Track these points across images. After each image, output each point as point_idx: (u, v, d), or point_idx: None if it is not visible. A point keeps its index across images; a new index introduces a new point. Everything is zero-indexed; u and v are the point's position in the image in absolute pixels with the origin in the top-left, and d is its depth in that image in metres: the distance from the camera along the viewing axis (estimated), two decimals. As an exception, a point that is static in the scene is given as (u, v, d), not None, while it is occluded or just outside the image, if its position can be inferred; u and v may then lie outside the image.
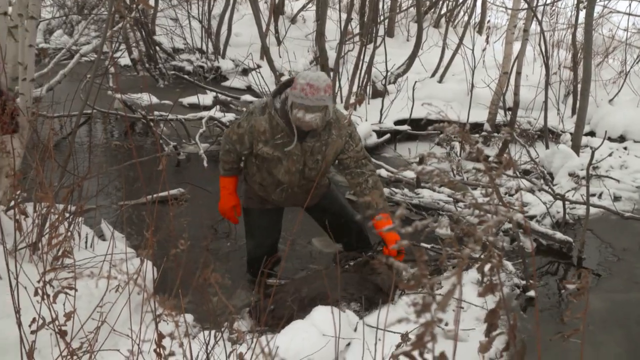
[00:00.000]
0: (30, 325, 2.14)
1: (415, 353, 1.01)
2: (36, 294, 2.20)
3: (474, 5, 11.72)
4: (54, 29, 11.87)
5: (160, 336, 2.17)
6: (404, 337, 2.46)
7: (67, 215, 3.74)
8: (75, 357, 2.24)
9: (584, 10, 6.83)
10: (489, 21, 12.23)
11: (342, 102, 8.56)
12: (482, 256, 1.40)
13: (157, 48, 10.87)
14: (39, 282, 2.21)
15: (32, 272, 3.18)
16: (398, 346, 2.44)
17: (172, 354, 1.90)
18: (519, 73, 7.31)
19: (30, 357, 2.08)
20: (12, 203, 3.89)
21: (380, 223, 3.72)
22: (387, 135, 7.73)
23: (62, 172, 4.33)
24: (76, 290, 2.35)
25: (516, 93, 7.30)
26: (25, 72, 4.15)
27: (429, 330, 0.98)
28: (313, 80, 3.61)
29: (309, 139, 3.91)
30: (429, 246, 4.62)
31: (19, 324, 2.14)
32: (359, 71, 8.59)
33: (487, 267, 1.42)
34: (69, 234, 3.38)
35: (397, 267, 1.06)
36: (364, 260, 4.10)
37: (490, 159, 5.04)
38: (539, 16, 7.32)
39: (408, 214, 5.38)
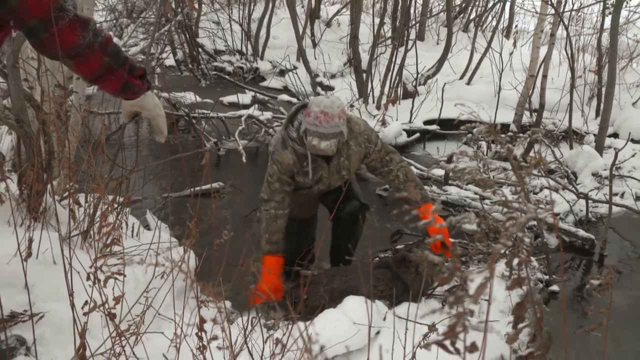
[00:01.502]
0: (82, 308, 2.17)
1: (447, 342, 1.01)
2: (88, 278, 2.23)
3: (502, 10, 11.67)
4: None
5: (202, 321, 2.20)
6: (431, 327, 2.46)
7: (115, 205, 3.78)
8: (123, 338, 2.27)
9: (610, 16, 6.77)
10: (516, 26, 12.14)
11: (374, 102, 8.55)
12: (510, 251, 1.40)
13: (200, 50, 10.93)
14: (90, 267, 2.24)
15: (84, 258, 3.22)
16: (425, 336, 2.44)
17: (214, 337, 1.92)
18: (545, 76, 7.26)
19: (82, 337, 2.11)
20: (66, 193, 3.95)
21: (422, 217, 3.69)
22: (417, 135, 7.72)
23: (111, 165, 4.38)
24: (124, 275, 2.38)
25: (542, 95, 7.25)
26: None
27: (461, 321, 0.98)
28: (327, 108, 3.54)
29: (334, 159, 3.86)
30: (456, 241, 4.60)
31: (72, 306, 2.17)
32: (390, 73, 8.57)
33: (515, 262, 1.42)
34: (118, 223, 3.42)
35: (433, 259, 1.07)
36: (401, 256, 4.04)
37: (505, 153, 5.00)
38: (566, 21, 7.27)
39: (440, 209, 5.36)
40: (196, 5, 10.13)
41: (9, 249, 2.91)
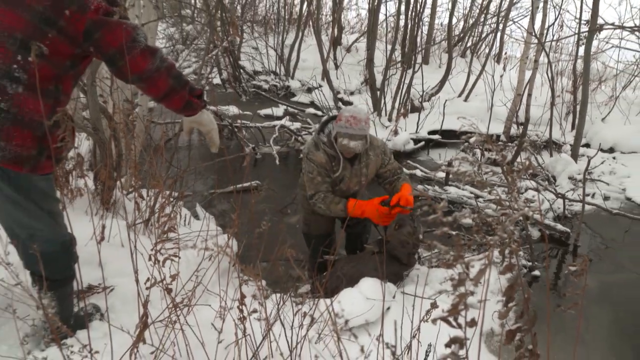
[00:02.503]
0: (145, 283, 2.19)
1: (451, 318, 1.01)
2: (150, 259, 2.24)
3: (494, 39, 11.60)
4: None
5: (243, 296, 2.21)
6: (434, 304, 2.44)
7: (171, 199, 3.81)
8: (177, 309, 2.28)
9: (583, 46, 6.75)
10: (505, 53, 12.10)
11: (386, 115, 8.53)
12: (502, 242, 1.40)
13: (241, 70, 10.95)
14: (151, 250, 2.26)
15: (146, 242, 3.25)
16: (428, 312, 2.43)
17: (254, 311, 1.92)
18: (529, 95, 7.21)
19: (145, 307, 2.13)
20: (132, 188, 3.99)
21: (403, 186, 3.82)
22: (422, 143, 7.69)
23: (168, 166, 4.41)
24: (179, 257, 2.39)
25: (527, 111, 7.20)
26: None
27: (463, 301, 0.98)
28: (356, 113, 3.59)
29: (356, 163, 3.85)
30: (454, 233, 4.58)
31: (137, 282, 2.18)
32: (400, 91, 8.55)
33: (507, 251, 1.41)
34: (173, 214, 3.44)
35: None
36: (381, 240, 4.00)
37: (500, 161, 4.99)
38: (547, 50, 7.21)
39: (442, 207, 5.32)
40: (238, 34, 10.16)
41: (87, 233, 2.94)
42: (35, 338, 2.52)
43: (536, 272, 4.33)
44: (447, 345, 1.06)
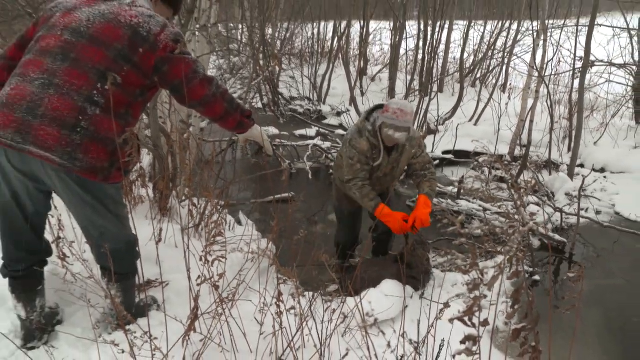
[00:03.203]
0: (196, 280, 2.21)
1: (466, 319, 1.01)
2: (201, 259, 2.27)
3: (500, 72, 11.51)
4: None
5: (280, 294, 2.21)
6: (446, 304, 2.42)
7: (218, 207, 3.84)
8: (223, 304, 2.30)
9: (578, 79, 6.73)
10: (510, 84, 11.98)
11: (405, 137, 8.51)
12: (509, 250, 1.38)
13: (280, 96, 11.02)
14: (202, 252, 2.28)
15: (196, 244, 3.28)
16: (441, 311, 2.41)
17: (292, 307, 1.92)
18: (531, 121, 7.13)
19: (196, 301, 2.15)
20: (184, 197, 4.02)
21: (420, 197, 3.62)
22: (437, 161, 7.63)
23: (216, 178, 4.44)
24: (226, 259, 2.41)
25: (529, 135, 7.12)
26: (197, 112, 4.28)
27: (477, 303, 0.98)
28: (403, 107, 3.41)
29: (393, 153, 3.63)
30: (464, 240, 4.52)
31: (189, 278, 2.20)
32: (418, 115, 8.53)
33: (514, 259, 1.40)
34: (221, 220, 3.46)
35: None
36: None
37: (511, 181, 4.94)
38: (547, 82, 7.14)
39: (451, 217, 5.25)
40: (279, 65, 10.24)
41: (146, 235, 2.99)
42: (104, 324, 2.55)
43: (536, 277, 4.28)
44: (463, 342, 1.05)
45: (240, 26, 12.30)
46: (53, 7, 2.23)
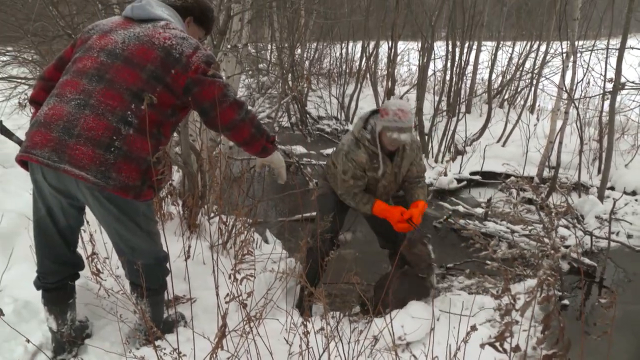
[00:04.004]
0: (224, 298, 2.21)
1: (497, 344, 0.99)
2: (230, 277, 2.27)
3: (529, 93, 11.42)
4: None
5: (307, 314, 2.21)
6: (473, 328, 2.38)
7: (247, 225, 3.85)
8: (251, 322, 2.30)
9: (608, 101, 6.63)
10: (539, 105, 11.87)
11: (433, 157, 8.47)
12: (539, 275, 1.36)
13: (308, 115, 11.08)
14: (231, 270, 2.28)
15: (224, 261, 3.29)
16: (468, 334, 2.37)
17: (321, 329, 1.91)
18: (560, 142, 7.05)
19: (224, 318, 2.15)
20: (213, 214, 4.05)
21: (420, 202, 3.49)
22: (464, 182, 7.59)
23: (244, 196, 4.46)
24: (254, 277, 2.41)
25: (558, 156, 7.04)
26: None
27: (509, 328, 0.96)
28: (402, 106, 3.28)
29: (396, 157, 3.50)
30: (497, 265, 4.42)
31: (217, 296, 2.21)
32: (446, 136, 8.49)
33: (545, 284, 1.38)
34: (250, 238, 3.47)
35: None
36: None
37: (540, 203, 4.87)
38: (576, 103, 7.06)
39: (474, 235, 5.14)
40: (310, 86, 10.30)
41: (175, 251, 3.01)
42: (133, 338, 2.58)
43: (565, 302, 4.19)
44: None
45: (269, 46, 12.43)
46: (90, 30, 2.31)
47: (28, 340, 2.07)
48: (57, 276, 2.40)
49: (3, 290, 2.92)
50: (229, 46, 4.54)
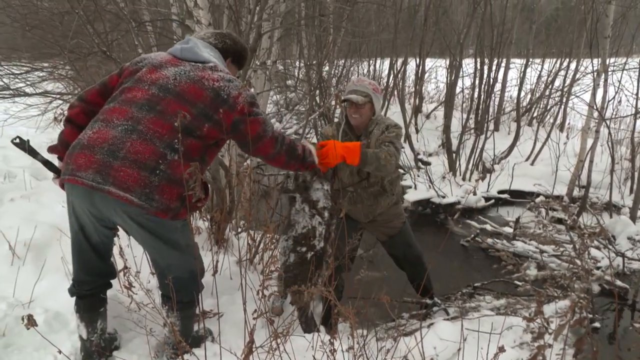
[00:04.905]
0: (252, 313, 2.22)
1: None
2: (258, 294, 2.29)
3: (558, 111, 11.30)
4: (269, 117, 12.34)
5: (334, 331, 2.20)
6: (501, 349, 2.35)
7: (274, 240, 3.86)
8: (277, 338, 2.30)
9: (641, 120, 6.56)
10: (569, 123, 11.74)
11: (460, 175, 8.41)
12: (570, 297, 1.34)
13: (335, 132, 11.10)
14: (260, 287, 2.30)
15: (251, 277, 3.30)
16: (495, 355, 2.34)
17: (351, 347, 1.91)
18: (591, 161, 6.95)
19: (251, 334, 2.15)
20: (240, 229, 4.07)
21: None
22: (492, 201, 7.52)
23: (272, 211, 4.48)
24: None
25: (589, 176, 6.93)
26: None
27: (542, 352, 0.95)
28: (361, 77, 3.38)
29: (362, 138, 3.45)
30: (530, 287, 4.31)
31: (245, 311, 2.22)
32: (473, 154, 8.44)
33: (577, 307, 1.36)
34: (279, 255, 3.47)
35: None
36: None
37: (571, 223, 4.78)
38: (607, 122, 6.96)
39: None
40: (340, 104, 10.30)
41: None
42: (161, 352, 2.60)
43: (596, 324, 4.10)
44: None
45: (297, 63, 12.52)
46: (138, 62, 2.42)
47: (60, 351, 2.11)
48: (91, 285, 2.49)
49: (34, 300, 2.98)
50: (257, 62, 4.60)
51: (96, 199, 2.15)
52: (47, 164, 2.48)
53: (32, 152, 2.45)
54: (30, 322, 1.75)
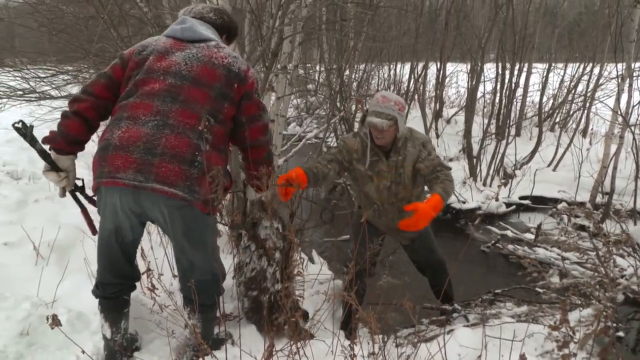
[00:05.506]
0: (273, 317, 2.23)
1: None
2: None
3: (581, 116, 11.16)
4: (290, 121, 12.45)
5: (354, 336, 2.20)
6: (522, 357, 2.31)
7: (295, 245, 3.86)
8: (297, 342, 2.30)
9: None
10: (592, 128, 11.59)
11: (481, 180, 8.34)
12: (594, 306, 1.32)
13: (355, 136, 11.10)
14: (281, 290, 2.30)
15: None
16: (519, 361, 2.30)
17: (373, 353, 1.91)
18: (615, 167, 6.85)
19: (272, 338, 2.16)
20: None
21: (434, 196, 3.01)
22: (513, 207, 7.45)
23: (292, 216, 4.48)
24: (303, 298, 2.42)
25: (612, 182, 6.83)
26: (275, 149, 4.38)
27: (568, 362, 0.94)
28: (387, 94, 3.22)
29: (392, 155, 3.31)
30: (555, 296, 4.24)
31: (265, 315, 2.22)
32: (495, 159, 8.37)
33: (602, 315, 1.34)
34: (299, 260, 3.48)
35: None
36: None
37: (594, 230, 4.69)
38: (632, 128, 6.86)
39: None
40: (362, 109, 10.30)
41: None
42: (181, 353, 2.61)
43: (620, 334, 4.03)
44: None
45: (318, 67, 12.54)
46: (141, 51, 2.37)
47: (83, 351, 2.13)
48: (116, 287, 2.49)
49: (57, 300, 3.02)
50: (279, 66, 4.61)
51: (141, 197, 2.17)
52: (44, 154, 2.33)
53: (33, 140, 2.30)
54: (55, 322, 1.78)
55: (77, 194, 2.53)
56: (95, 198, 2.40)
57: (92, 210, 2.53)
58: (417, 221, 2.80)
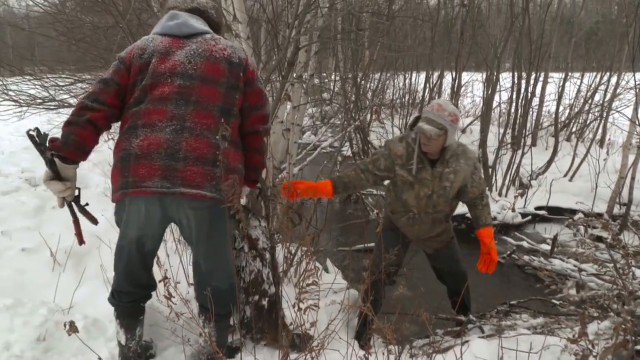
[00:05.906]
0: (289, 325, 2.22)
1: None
2: (294, 306, 2.28)
3: (598, 126, 11.07)
4: (305, 130, 12.47)
5: (369, 346, 2.19)
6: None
7: (309, 254, 3.85)
8: (312, 352, 2.30)
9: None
10: (609, 138, 11.49)
11: (497, 190, 8.29)
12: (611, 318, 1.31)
13: (370, 145, 11.09)
14: (296, 299, 2.30)
15: (285, 289, 3.30)
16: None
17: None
18: (632, 178, 6.78)
19: (286, 347, 2.15)
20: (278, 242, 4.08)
21: (483, 231, 3.35)
22: (529, 217, 7.38)
23: (307, 225, 4.48)
24: (318, 307, 2.42)
25: (630, 193, 6.76)
26: (291, 158, 4.39)
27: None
28: (442, 102, 3.16)
29: (438, 165, 3.26)
30: (558, 302, 4.26)
31: (280, 324, 2.22)
32: (510, 169, 8.32)
33: (621, 329, 1.32)
34: (315, 269, 3.46)
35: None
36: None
37: (612, 241, 4.64)
38: (652, 137, 6.80)
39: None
40: (379, 119, 10.31)
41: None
42: (196, 361, 2.62)
43: (638, 347, 3.96)
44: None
45: (333, 76, 12.57)
46: (142, 54, 2.31)
47: (99, 358, 2.14)
48: (133, 296, 2.50)
49: (74, 306, 3.05)
50: (295, 75, 4.63)
51: (167, 202, 2.19)
52: (52, 163, 2.20)
53: (44, 148, 2.18)
54: (72, 328, 1.79)
55: (73, 204, 2.43)
56: (87, 208, 2.44)
57: (82, 220, 2.51)
58: (493, 261, 3.31)
